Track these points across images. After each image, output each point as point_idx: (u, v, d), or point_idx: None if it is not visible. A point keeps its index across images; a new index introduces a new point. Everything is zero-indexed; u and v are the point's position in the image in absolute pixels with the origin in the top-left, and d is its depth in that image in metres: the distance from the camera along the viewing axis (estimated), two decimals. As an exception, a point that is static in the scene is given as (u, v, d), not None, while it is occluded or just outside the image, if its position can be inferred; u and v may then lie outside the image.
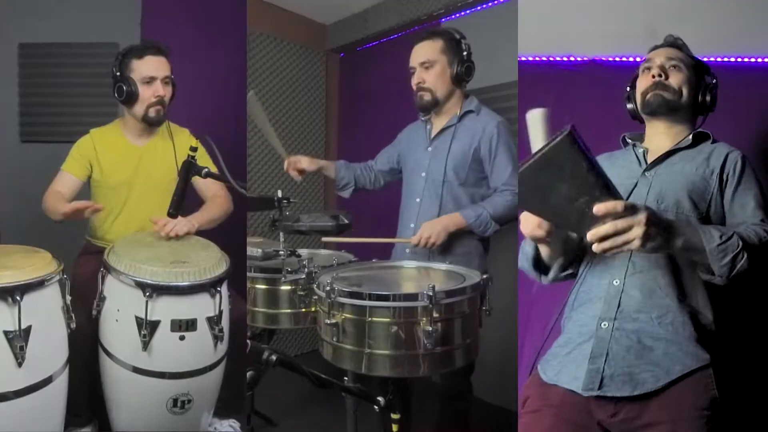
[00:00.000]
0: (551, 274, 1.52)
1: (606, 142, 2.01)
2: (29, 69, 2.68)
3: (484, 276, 1.57)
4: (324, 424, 2.66)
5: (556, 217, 1.24)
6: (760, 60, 2.04)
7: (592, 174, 1.09)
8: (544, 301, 2.09)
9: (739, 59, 2.05)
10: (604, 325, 1.36)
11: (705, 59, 1.65)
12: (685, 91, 1.50)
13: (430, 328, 1.35)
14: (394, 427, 1.70)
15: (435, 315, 1.36)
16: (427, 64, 2.02)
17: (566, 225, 1.31)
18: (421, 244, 1.92)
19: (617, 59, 2.15)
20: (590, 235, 1.15)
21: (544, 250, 1.47)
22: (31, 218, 2.45)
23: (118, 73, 1.99)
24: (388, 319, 1.38)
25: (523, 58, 2.18)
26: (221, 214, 2.06)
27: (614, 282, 1.39)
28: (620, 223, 1.12)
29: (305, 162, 2.16)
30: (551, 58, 2.19)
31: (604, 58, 2.16)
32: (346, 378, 1.68)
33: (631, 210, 1.12)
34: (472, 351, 1.52)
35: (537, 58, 2.20)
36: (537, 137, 1.20)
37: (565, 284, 1.63)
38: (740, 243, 1.23)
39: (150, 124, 2.05)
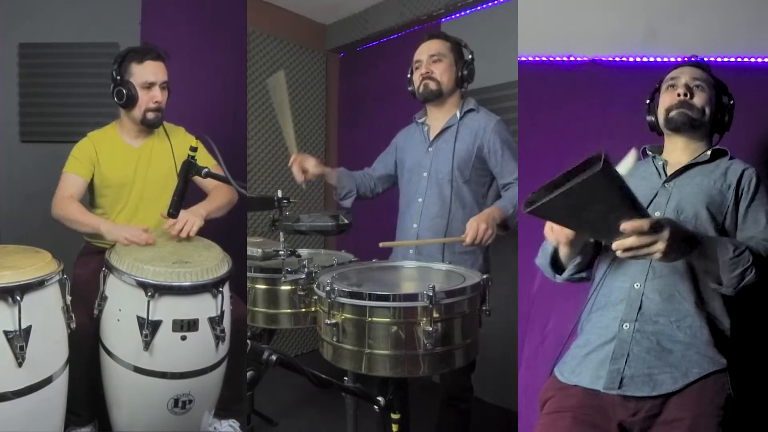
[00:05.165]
0: (565, 274, 1.57)
1: (606, 142, 2.00)
2: (29, 69, 2.68)
3: (484, 276, 1.57)
4: (324, 424, 2.66)
5: (585, 229, 1.31)
6: (760, 60, 2.04)
7: (623, 196, 1.16)
8: (543, 301, 2.09)
9: (739, 59, 2.05)
10: (626, 326, 1.40)
11: (705, 59, 1.67)
12: (707, 111, 1.56)
13: (430, 328, 1.35)
14: (394, 427, 1.69)
15: (435, 315, 1.36)
16: (436, 57, 2.05)
17: (594, 236, 1.41)
18: (477, 240, 1.80)
19: (617, 59, 2.15)
20: (616, 245, 1.22)
21: (563, 250, 1.51)
22: (31, 218, 2.46)
23: (117, 77, 1.99)
24: (388, 319, 1.38)
25: (523, 58, 2.18)
26: (227, 201, 2.06)
27: (635, 285, 1.43)
28: (645, 239, 1.19)
29: (311, 163, 2.11)
30: (551, 58, 2.19)
31: (604, 58, 2.16)
32: (346, 378, 1.68)
33: (656, 226, 1.19)
34: (472, 351, 1.52)
35: (537, 58, 2.20)
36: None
37: (567, 287, 1.64)
38: (751, 258, 1.30)
39: (148, 127, 2.06)
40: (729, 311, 1.41)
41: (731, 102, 1.61)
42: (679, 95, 1.56)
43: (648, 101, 1.69)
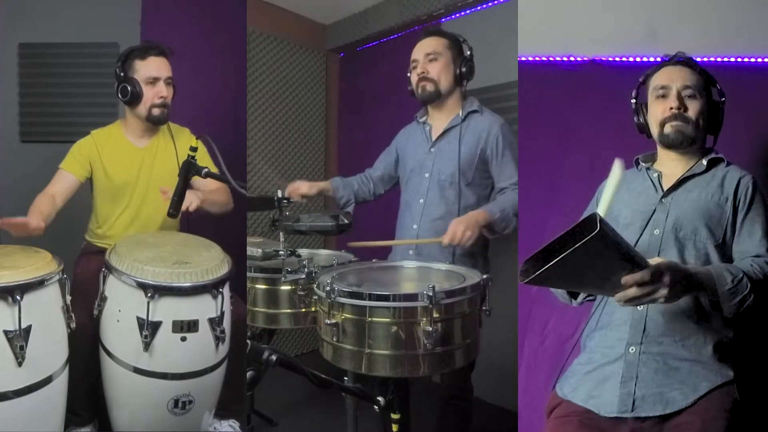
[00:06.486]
0: (579, 298, 1.59)
1: (606, 142, 2.01)
2: (29, 69, 2.68)
3: (484, 276, 1.57)
4: (324, 424, 2.66)
5: (585, 289, 1.35)
6: (760, 60, 2.04)
7: (620, 253, 1.16)
8: (543, 301, 2.09)
9: (739, 59, 2.05)
10: (632, 349, 1.41)
11: (705, 59, 1.66)
12: (701, 122, 1.53)
13: (430, 328, 1.35)
14: (394, 427, 1.69)
15: (435, 315, 1.36)
16: (432, 56, 2.03)
17: (594, 292, 1.45)
18: (456, 241, 1.79)
19: (617, 59, 2.15)
20: (618, 297, 1.22)
21: None
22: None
23: (121, 74, 1.99)
24: (388, 319, 1.37)
25: (523, 58, 2.18)
26: (224, 202, 2.05)
27: (638, 307, 1.42)
28: (647, 288, 1.20)
29: (305, 188, 2.14)
30: (551, 58, 2.19)
31: (604, 58, 2.16)
32: (346, 378, 1.68)
33: (656, 275, 1.19)
34: (472, 351, 1.52)
35: (537, 58, 2.20)
36: (611, 187, 1.31)
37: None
38: (749, 284, 1.30)
39: (154, 123, 2.05)
40: (732, 320, 1.40)
41: (722, 99, 1.56)
42: (671, 108, 1.51)
43: (634, 99, 1.63)
